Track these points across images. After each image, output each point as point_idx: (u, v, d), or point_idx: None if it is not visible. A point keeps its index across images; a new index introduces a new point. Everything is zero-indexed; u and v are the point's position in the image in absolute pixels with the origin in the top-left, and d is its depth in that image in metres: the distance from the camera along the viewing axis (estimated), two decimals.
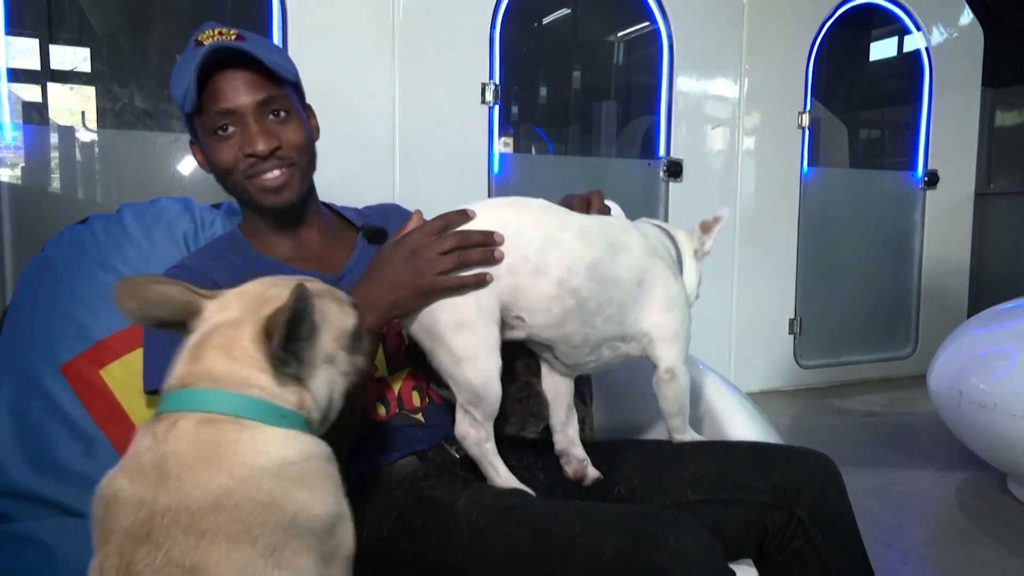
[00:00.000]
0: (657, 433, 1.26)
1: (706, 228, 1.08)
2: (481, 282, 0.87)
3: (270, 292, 0.70)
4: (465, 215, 0.91)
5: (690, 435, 1.03)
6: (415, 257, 0.88)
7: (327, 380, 0.71)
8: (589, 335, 0.93)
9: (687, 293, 1.02)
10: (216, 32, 1.04)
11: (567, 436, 1.02)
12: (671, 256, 1.02)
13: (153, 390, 1.04)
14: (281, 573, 0.59)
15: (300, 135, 1.08)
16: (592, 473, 1.03)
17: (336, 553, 0.67)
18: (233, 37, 1.04)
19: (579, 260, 0.91)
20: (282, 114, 1.06)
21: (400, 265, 0.89)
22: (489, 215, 0.92)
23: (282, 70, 1.06)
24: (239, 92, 1.03)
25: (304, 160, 1.09)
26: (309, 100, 1.16)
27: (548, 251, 0.90)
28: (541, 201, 1.00)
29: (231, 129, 1.04)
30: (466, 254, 0.87)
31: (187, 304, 0.69)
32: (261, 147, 1.03)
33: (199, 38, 1.04)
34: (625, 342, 0.97)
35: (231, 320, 0.67)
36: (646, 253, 0.97)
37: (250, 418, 0.64)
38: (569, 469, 1.02)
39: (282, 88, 1.07)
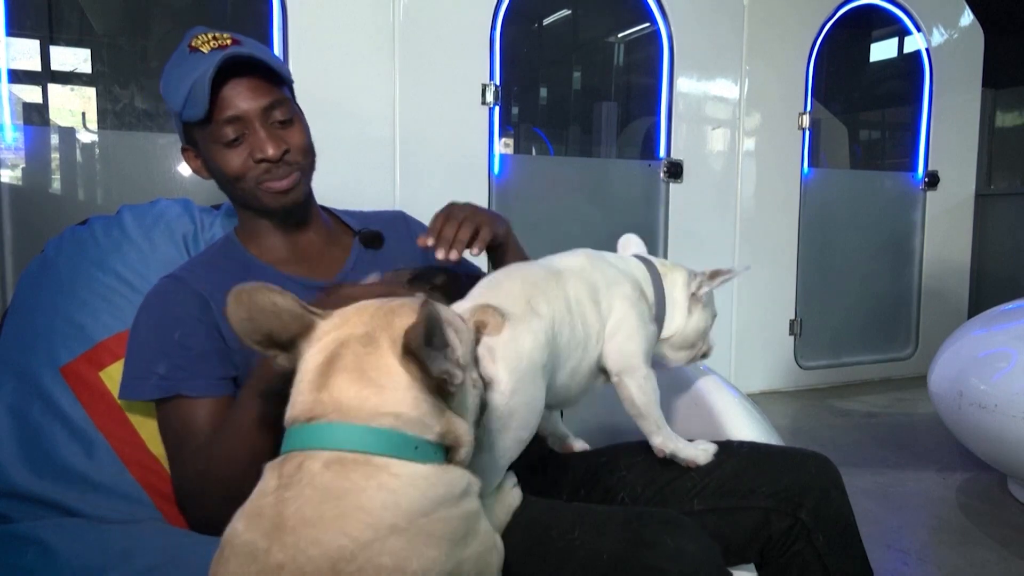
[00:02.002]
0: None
1: (714, 276, 1.04)
2: None
3: (395, 304, 0.62)
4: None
5: (668, 435, 0.98)
6: None
7: (470, 399, 0.64)
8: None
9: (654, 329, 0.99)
10: (211, 37, 1.03)
11: (549, 420, 1.07)
12: (634, 291, 0.99)
13: (127, 399, 1.05)
14: None
15: (303, 137, 1.08)
16: (579, 445, 1.08)
17: None
18: (229, 42, 1.03)
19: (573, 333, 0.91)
20: (284, 118, 1.06)
21: None
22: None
23: (283, 71, 1.07)
24: (244, 98, 1.02)
25: (307, 161, 1.10)
26: (309, 102, 1.16)
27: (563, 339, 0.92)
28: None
29: (237, 136, 1.03)
30: None
31: (299, 318, 0.62)
32: (272, 151, 1.03)
33: (192, 44, 1.03)
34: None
35: (359, 335, 0.59)
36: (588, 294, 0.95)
37: (382, 454, 0.56)
38: (557, 447, 1.07)
39: (281, 90, 1.07)
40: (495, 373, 0.78)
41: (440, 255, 0.99)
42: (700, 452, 0.98)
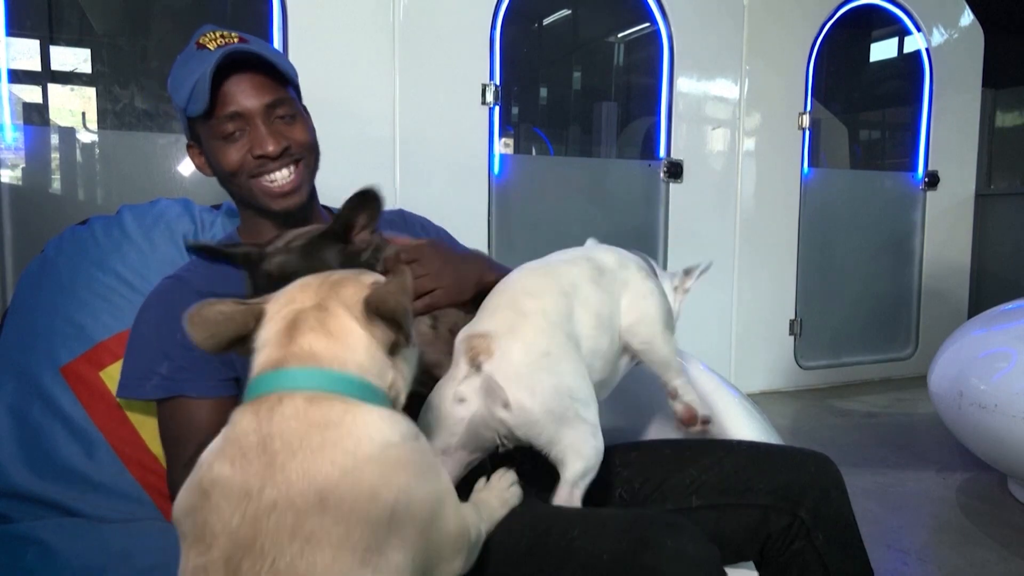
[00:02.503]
0: (656, 434, 1.26)
1: (689, 272, 1.12)
2: None
3: (334, 278, 0.69)
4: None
5: (682, 382, 1.01)
6: None
7: (412, 360, 0.71)
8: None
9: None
10: (218, 35, 1.04)
11: None
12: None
13: (126, 397, 1.05)
14: None
15: (307, 134, 1.09)
16: None
17: (445, 540, 0.65)
18: (236, 40, 1.04)
19: (593, 316, 0.95)
20: (288, 116, 1.07)
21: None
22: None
23: (288, 71, 1.07)
24: (247, 95, 1.03)
25: (312, 158, 1.10)
26: (309, 102, 1.16)
27: (576, 321, 0.93)
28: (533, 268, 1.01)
29: (238, 132, 1.04)
30: None
31: (250, 312, 0.66)
32: (271, 148, 1.03)
33: (200, 41, 1.04)
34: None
35: (311, 306, 0.65)
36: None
37: (354, 396, 0.62)
38: None
39: (286, 90, 1.07)
40: (507, 396, 0.83)
41: None
42: (699, 405, 1.03)
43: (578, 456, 0.86)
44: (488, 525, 0.79)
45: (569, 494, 0.87)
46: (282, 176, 1.06)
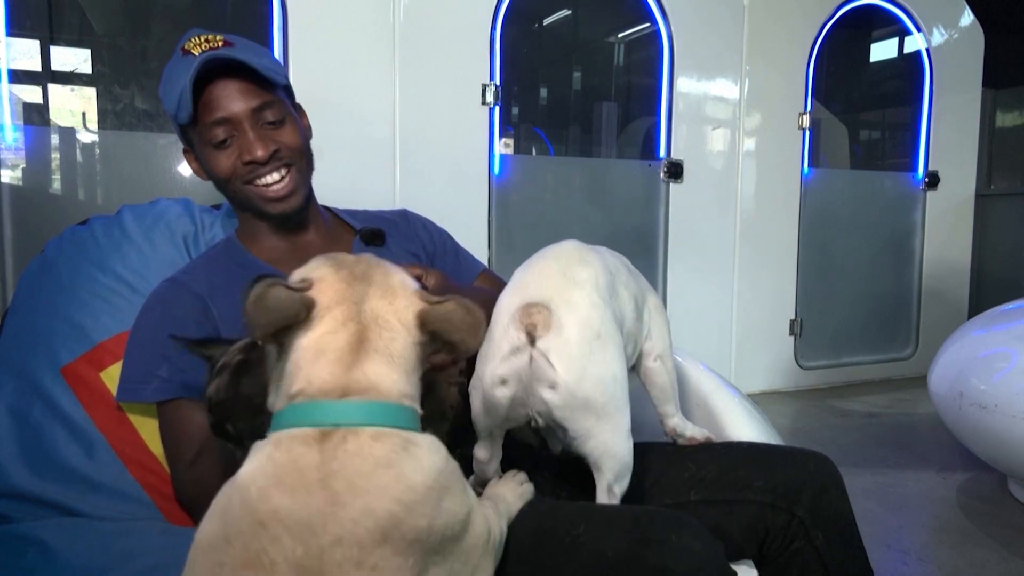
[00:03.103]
0: (656, 433, 1.26)
1: None
2: None
3: (383, 279, 0.67)
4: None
5: (681, 418, 1.04)
6: None
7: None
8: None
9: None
10: (203, 40, 1.03)
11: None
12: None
13: (126, 400, 1.05)
14: None
15: (296, 138, 1.08)
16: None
17: (475, 545, 0.66)
18: (220, 44, 1.03)
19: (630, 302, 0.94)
20: (276, 121, 1.06)
21: None
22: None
23: (273, 74, 1.06)
24: (233, 100, 1.03)
25: (303, 161, 1.10)
26: (309, 102, 1.16)
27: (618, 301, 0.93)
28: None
29: (227, 138, 1.04)
30: None
31: (300, 302, 0.63)
32: (260, 153, 1.03)
33: (185, 47, 1.03)
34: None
35: (374, 318, 0.64)
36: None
37: (408, 429, 0.63)
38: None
39: (274, 92, 1.07)
40: (555, 378, 0.79)
41: None
42: (700, 432, 1.04)
43: (611, 457, 0.83)
44: (507, 520, 0.79)
45: (606, 499, 0.85)
46: (274, 180, 1.06)
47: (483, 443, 0.89)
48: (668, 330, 1.01)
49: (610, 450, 0.83)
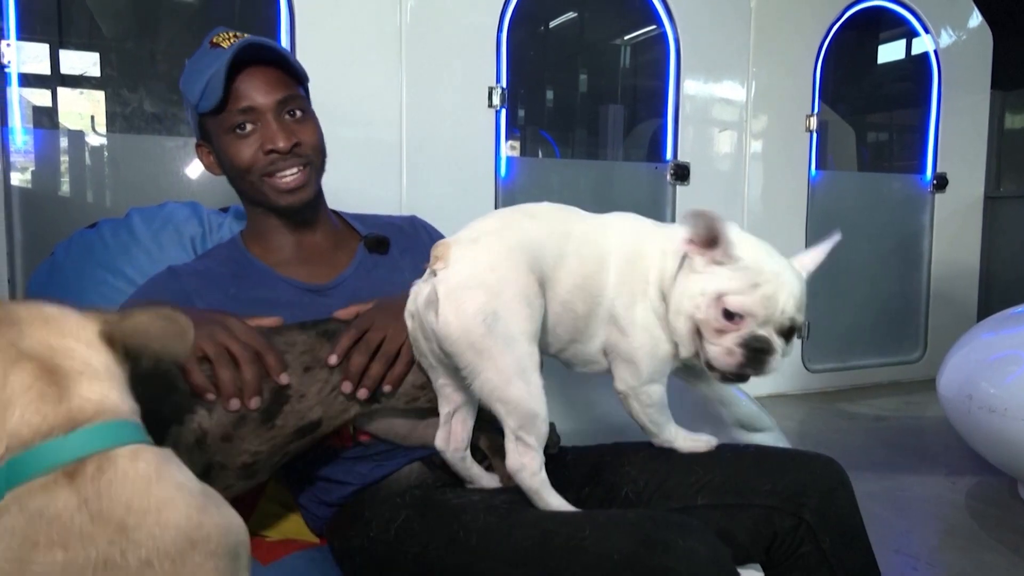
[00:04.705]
0: None
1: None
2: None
3: (41, 313, 0.61)
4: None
5: (668, 436, 0.99)
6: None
7: None
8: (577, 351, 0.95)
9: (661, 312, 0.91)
10: (231, 35, 1.06)
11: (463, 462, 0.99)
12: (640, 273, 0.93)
13: None
14: None
15: (315, 135, 1.10)
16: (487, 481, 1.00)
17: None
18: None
19: (579, 276, 0.91)
20: (298, 114, 1.08)
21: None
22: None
23: (300, 69, 1.09)
24: (260, 91, 1.05)
25: (319, 160, 1.12)
26: (317, 105, 1.17)
27: (559, 267, 0.91)
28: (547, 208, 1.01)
29: (249, 127, 1.05)
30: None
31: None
32: (282, 143, 1.05)
33: (214, 40, 1.06)
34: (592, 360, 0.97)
35: (48, 346, 0.57)
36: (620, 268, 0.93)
37: (146, 443, 0.58)
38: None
39: (297, 88, 1.09)
40: (438, 308, 0.82)
41: (346, 389, 0.91)
42: (697, 443, 1.00)
43: (501, 400, 0.82)
44: None
45: (514, 449, 0.84)
46: (291, 173, 1.07)
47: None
48: (642, 364, 0.92)
49: (496, 391, 0.82)
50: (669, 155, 3.16)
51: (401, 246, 1.21)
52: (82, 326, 0.59)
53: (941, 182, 3.73)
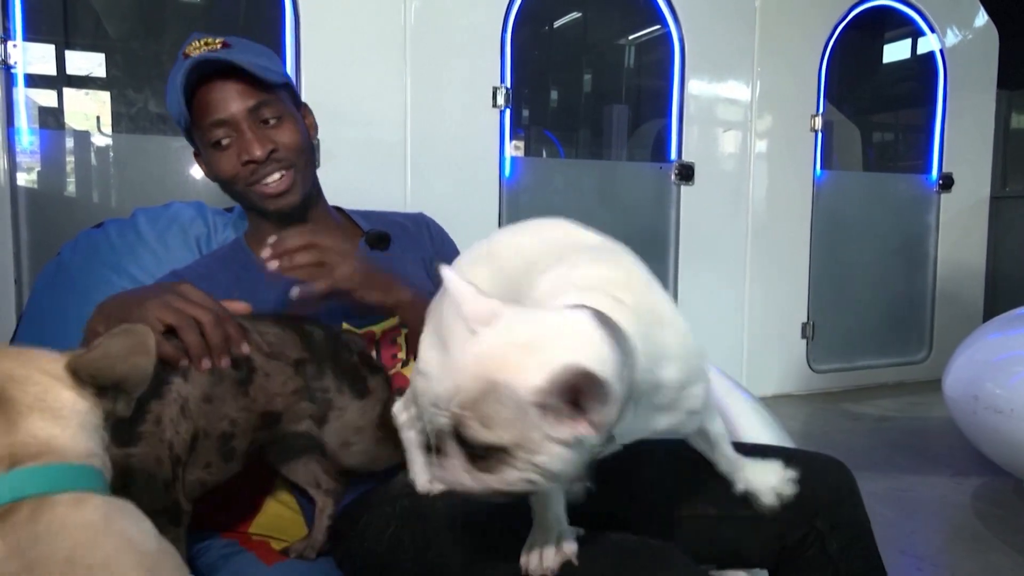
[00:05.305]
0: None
1: None
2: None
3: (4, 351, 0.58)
4: None
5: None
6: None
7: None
8: None
9: None
10: (202, 43, 1.05)
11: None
12: None
13: None
14: None
15: (295, 136, 1.08)
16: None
17: None
18: (219, 46, 1.04)
19: None
20: (273, 120, 1.07)
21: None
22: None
23: (268, 74, 1.05)
24: (229, 101, 1.04)
25: (302, 160, 1.10)
26: (321, 105, 1.17)
27: None
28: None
29: (226, 140, 1.05)
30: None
31: None
32: (258, 152, 1.04)
33: (186, 51, 1.04)
34: None
35: (12, 374, 0.53)
36: None
37: (98, 491, 0.52)
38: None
39: (271, 91, 1.07)
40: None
41: (266, 255, 0.94)
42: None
43: None
44: None
45: None
46: (273, 180, 1.07)
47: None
48: None
49: None
50: (673, 155, 3.16)
51: (403, 244, 1.20)
52: (52, 359, 0.56)
53: (947, 182, 3.72)
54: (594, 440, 0.57)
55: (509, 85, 2.77)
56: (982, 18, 3.72)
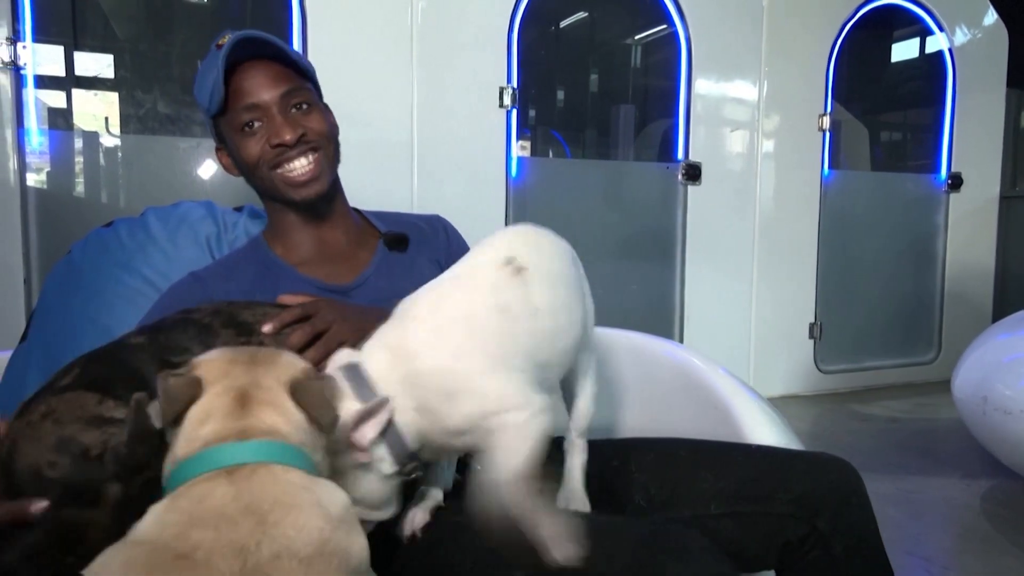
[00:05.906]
0: (658, 432, 1.25)
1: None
2: None
3: (261, 356, 0.71)
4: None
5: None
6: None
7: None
8: None
9: None
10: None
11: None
12: None
13: None
14: None
15: (324, 124, 1.11)
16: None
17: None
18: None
19: None
20: (304, 106, 1.09)
21: None
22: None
23: (302, 61, 1.10)
24: (263, 86, 1.06)
25: (330, 147, 1.12)
26: (327, 104, 1.17)
27: None
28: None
29: (257, 124, 1.07)
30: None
31: (194, 383, 0.67)
32: (288, 136, 1.06)
33: (220, 43, 1.06)
34: None
35: (251, 381, 0.68)
36: None
37: (310, 472, 0.65)
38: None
39: (302, 80, 1.10)
40: None
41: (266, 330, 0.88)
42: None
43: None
44: None
45: None
46: (300, 165, 1.08)
47: None
48: None
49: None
50: (680, 155, 3.15)
51: (418, 245, 1.21)
52: (286, 373, 0.69)
53: (956, 182, 3.70)
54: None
55: (516, 85, 2.77)
56: (991, 17, 3.70)
